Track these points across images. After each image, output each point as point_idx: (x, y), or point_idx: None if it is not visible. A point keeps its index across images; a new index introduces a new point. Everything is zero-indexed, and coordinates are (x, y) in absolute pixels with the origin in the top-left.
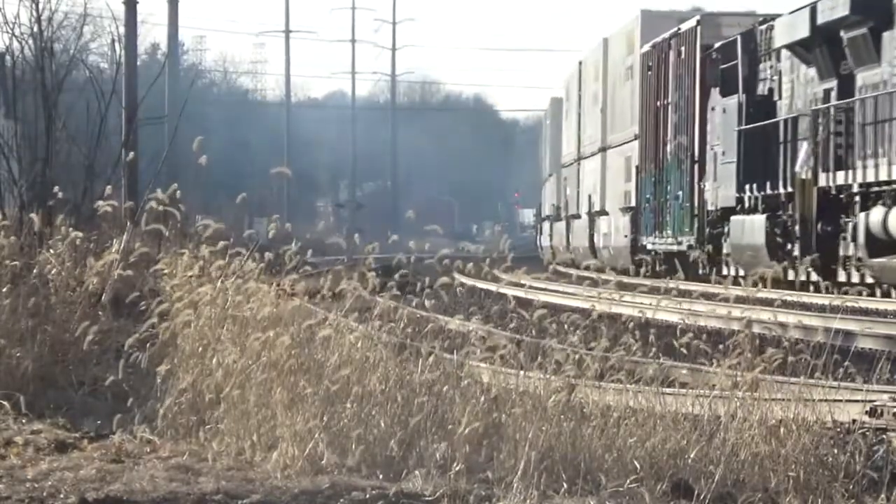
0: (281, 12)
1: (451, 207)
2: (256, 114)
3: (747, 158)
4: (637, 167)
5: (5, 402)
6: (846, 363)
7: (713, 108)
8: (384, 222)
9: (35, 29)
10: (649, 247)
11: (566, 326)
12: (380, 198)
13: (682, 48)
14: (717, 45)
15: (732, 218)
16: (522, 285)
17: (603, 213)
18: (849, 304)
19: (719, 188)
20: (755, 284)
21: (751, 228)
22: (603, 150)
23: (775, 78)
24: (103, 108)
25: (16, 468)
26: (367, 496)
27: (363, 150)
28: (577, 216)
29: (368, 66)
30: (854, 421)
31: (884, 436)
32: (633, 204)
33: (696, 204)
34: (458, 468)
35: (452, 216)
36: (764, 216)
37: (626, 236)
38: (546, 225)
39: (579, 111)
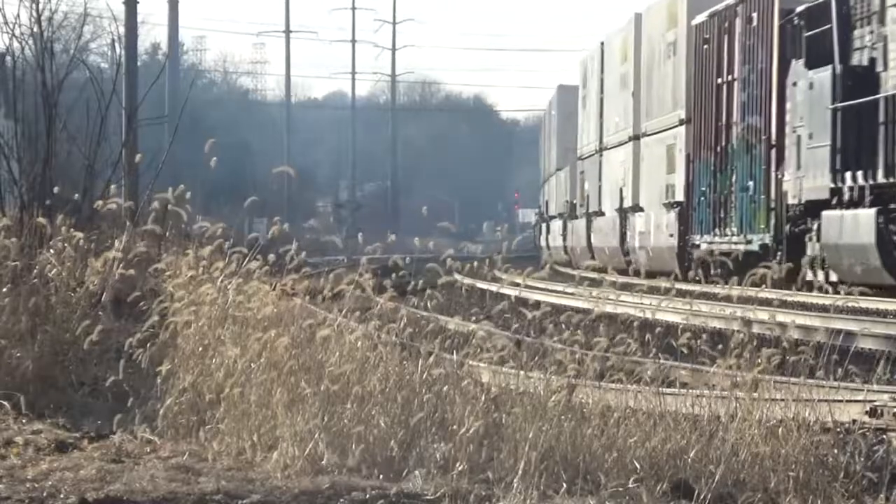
0: (281, 12)
1: (451, 207)
2: (257, 114)
3: (846, 141)
4: (688, 156)
5: (5, 403)
6: (846, 363)
7: (795, 84)
8: (384, 222)
9: (35, 29)
10: (704, 247)
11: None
12: (380, 198)
13: (754, 14)
14: (798, 9)
15: (825, 213)
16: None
17: (636, 209)
18: (849, 304)
19: (804, 177)
20: (755, 284)
21: (853, 225)
22: (635, 138)
23: (878, 45)
24: (103, 109)
25: (16, 468)
26: (368, 496)
27: (363, 150)
28: (600, 213)
29: (368, 66)
30: (854, 421)
31: (884, 436)
32: (679, 198)
33: (772, 196)
34: (458, 468)
35: (452, 216)
36: (873, 210)
37: (670, 235)
38: (556, 224)
39: (601, 97)
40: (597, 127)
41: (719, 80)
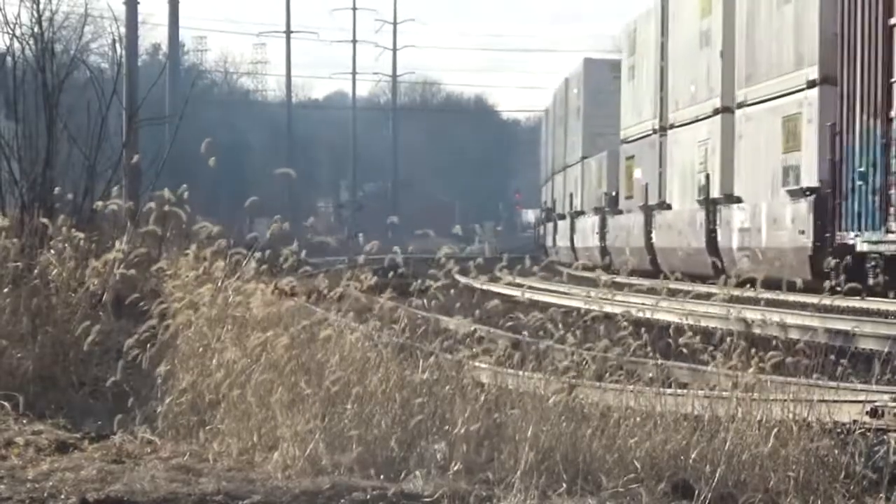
0: (282, 13)
1: (452, 208)
2: (257, 114)
3: None
4: (831, 127)
5: (6, 403)
6: (846, 363)
7: None
8: (384, 223)
9: (36, 29)
10: (862, 247)
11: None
12: (380, 198)
13: None
14: None
15: None
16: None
17: (730, 199)
18: (849, 304)
19: None
20: (754, 285)
21: None
22: (725, 110)
23: None
24: (104, 109)
25: (17, 468)
26: (368, 496)
27: (364, 150)
28: (665, 206)
29: (369, 66)
30: (854, 421)
31: (884, 436)
32: (811, 183)
33: None
34: (458, 468)
35: (453, 216)
36: None
37: (800, 232)
38: (583, 222)
39: (661, 65)
40: (654, 101)
41: (891, 22)
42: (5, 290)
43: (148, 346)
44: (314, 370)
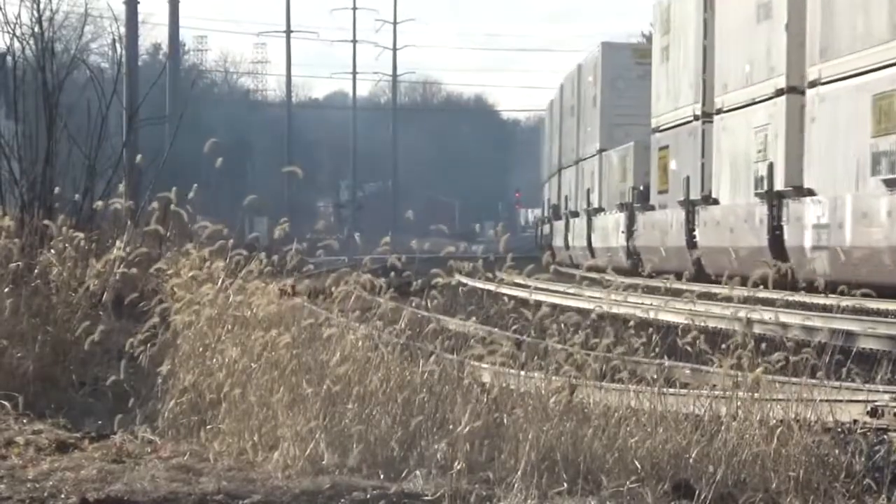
0: (282, 12)
1: (452, 207)
2: (257, 114)
3: None
4: None
5: (6, 403)
6: (848, 363)
7: None
8: (385, 223)
9: (36, 29)
10: None
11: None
12: (380, 198)
13: None
14: None
15: None
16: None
17: (801, 192)
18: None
19: None
20: (756, 285)
21: None
22: (792, 90)
23: None
24: (104, 109)
25: (17, 468)
26: (368, 496)
27: (364, 150)
28: (711, 200)
29: (369, 66)
30: (855, 421)
31: (885, 436)
32: None
33: None
34: (459, 468)
35: (453, 216)
36: None
37: None
38: (603, 220)
39: (704, 42)
40: (695, 84)
41: None
42: (6, 290)
43: (149, 345)
44: (315, 370)
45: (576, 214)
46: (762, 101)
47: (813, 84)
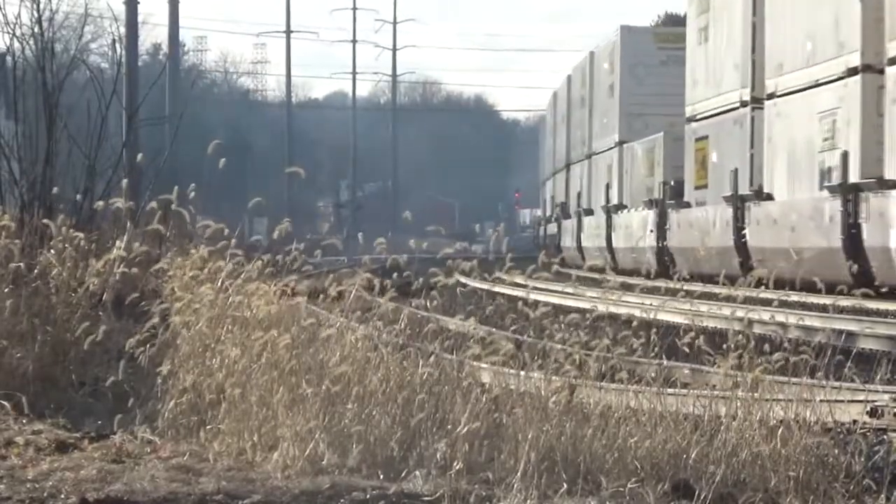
0: (282, 12)
1: (452, 208)
2: (257, 114)
3: None
4: None
5: (6, 403)
6: (848, 363)
7: None
8: (385, 223)
9: (36, 29)
10: None
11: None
12: (380, 198)
13: None
14: None
15: None
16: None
17: (884, 184)
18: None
19: None
20: (758, 284)
21: None
22: (867, 69)
23: None
24: (104, 109)
25: (17, 468)
26: (368, 496)
27: (364, 150)
28: (764, 196)
29: (369, 66)
30: (855, 421)
31: (884, 436)
32: None
33: None
34: (458, 468)
35: (453, 216)
36: None
37: None
38: (624, 218)
39: (753, 19)
40: (743, 67)
41: None
42: (6, 290)
43: (148, 345)
44: (315, 370)
45: (590, 212)
46: (829, 83)
47: (894, 61)
